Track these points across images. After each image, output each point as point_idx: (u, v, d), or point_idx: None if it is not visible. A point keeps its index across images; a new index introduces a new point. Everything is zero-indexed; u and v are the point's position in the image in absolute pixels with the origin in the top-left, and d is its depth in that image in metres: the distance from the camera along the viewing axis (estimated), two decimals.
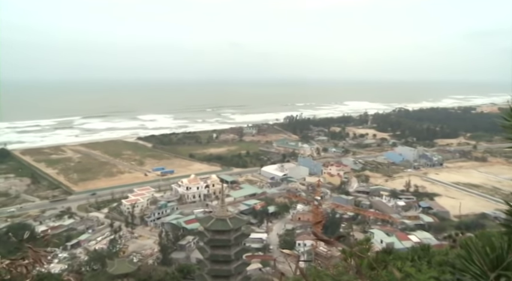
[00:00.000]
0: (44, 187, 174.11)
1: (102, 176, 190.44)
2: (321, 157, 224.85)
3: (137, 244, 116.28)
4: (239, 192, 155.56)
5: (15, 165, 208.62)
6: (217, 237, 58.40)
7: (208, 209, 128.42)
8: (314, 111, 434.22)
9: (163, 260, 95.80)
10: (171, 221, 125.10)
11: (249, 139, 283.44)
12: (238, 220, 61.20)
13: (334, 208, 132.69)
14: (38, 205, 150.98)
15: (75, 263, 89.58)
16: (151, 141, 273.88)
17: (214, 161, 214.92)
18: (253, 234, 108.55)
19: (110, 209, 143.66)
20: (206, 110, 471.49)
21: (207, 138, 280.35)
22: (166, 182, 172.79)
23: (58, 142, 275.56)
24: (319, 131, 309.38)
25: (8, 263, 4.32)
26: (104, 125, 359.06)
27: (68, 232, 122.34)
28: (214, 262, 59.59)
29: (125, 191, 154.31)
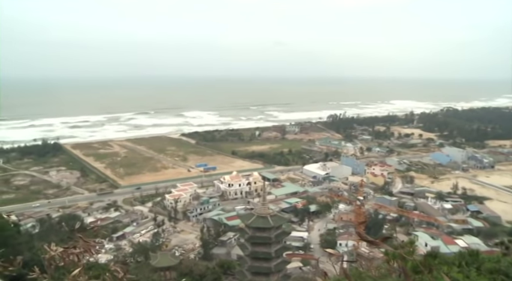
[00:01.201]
0: (92, 180, 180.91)
1: (147, 171, 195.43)
2: (364, 157, 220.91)
3: (179, 238, 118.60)
4: (281, 190, 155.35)
5: (66, 158, 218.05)
6: (258, 234, 58.63)
7: (249, 206, 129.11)
8: (359, 110, 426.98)
9: (204, 255, 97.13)
10: (212, 217, 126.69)
11: (292, 137, 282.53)
12: (279, 218, 61.19)
13: (377, 208, 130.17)
14: (87, 197, 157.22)
15: (120, 255, 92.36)
16: (195, 137, 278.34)
17: (256, 158, 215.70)
18: (294, 232, 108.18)
19: (153, 203, 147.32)
20: (250, 108, 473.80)
21: (250, 135, 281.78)
22: (208, 178, 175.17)
23: (106, 137, 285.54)
24: (363, 130, 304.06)
25: (62, 251, 4.54)
26: (150, 121, 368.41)
27: (114, 224, 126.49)
28: (255, 259, 59.90)
29: (169, 186, 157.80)
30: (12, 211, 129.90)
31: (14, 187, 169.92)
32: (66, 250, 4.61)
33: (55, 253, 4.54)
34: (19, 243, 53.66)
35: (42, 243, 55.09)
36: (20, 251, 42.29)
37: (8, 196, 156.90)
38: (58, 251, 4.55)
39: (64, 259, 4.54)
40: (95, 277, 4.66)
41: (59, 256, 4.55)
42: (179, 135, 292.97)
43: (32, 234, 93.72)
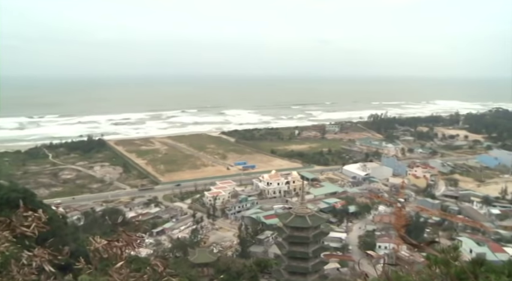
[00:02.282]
0: (134, 175, 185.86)
1: (187, 168, 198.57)
2: (405, 158, 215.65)
3: (217, 235, 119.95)
4: (319, 190, 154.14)
5: (110, 154, 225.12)
6: (296, 234, 58.50)
7: (287, 206, 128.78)
8: (401, 110, 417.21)
9: (241, 253, 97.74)
10: (250, 215, 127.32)
11: (331, 137, 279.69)
12: (317, 218, 60.81)
13: (418, 211, 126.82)
14: (128, 193, 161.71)
15: (160, 249, 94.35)
16: (235, 136, 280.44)
17: (295, 157, 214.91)
18: (332, 233, 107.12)
19: (193, 200, 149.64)
20: (291, 107, 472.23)
21: (289, 134, 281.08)
22: (247, 176, 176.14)
23: (148, 134, 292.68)
24: (405, 130, 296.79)
25: (106, 243, 4.70)
26: (191, 119, 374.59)
27: (154, 220, 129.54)
28: (292, 259, 59.82)
29: (208, 184, 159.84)
30: (61, 203, 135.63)
31: (62, 180, 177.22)
32: (110, 242, 4.77)
33: (99, 245, 4.70)
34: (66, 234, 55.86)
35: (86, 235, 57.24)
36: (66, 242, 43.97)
37: (56, 189, 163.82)
38: (102, 244, 4.71)
39: (108, 252, 4.69)
40: (135, 270, 4.78)
41: (103, 249, 4.71)
42: (219, 134, 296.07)
43: (77, 226, 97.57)
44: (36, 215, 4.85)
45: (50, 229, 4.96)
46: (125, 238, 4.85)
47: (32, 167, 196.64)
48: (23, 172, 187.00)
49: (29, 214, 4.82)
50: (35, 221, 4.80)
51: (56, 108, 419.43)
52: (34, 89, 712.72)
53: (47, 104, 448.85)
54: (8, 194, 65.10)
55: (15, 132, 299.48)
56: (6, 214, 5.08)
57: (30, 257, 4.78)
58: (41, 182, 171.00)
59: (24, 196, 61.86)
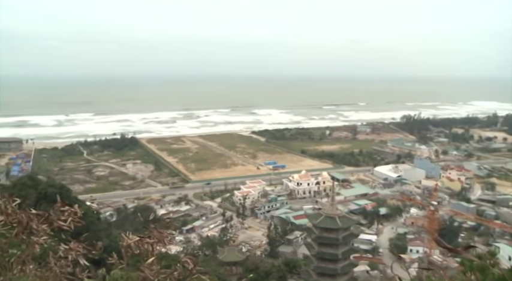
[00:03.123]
0: (165, 173, 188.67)
1: (217, 167, 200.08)
2: (439, 160, 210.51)
3: (247, 234, 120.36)
4: (350, 191, 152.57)
5: (142, 152, 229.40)
6: (326, 235, 58.09)
7: (317, 206, 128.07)
8: (436, 111, 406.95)
9: (270, 252, 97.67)
10: (280, 215, 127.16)
11: (363, 138, 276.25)
12: (347, 219, 60.22)
13: (452, 215, 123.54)
14: (159, 190, 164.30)
15: (189, 247, 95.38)
16: (265, 135, 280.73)
17: (325, 158, 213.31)
18: (363, 235, 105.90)
19: (222, 199, 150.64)
20: (323, 107, 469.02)
21: (320, 135, 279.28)
22: (277, 176, 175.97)
23: (179, 133, 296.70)
24: (439, 132, 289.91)
25: (137, 240, 4.79)
26: (222, 119, 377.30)
27: (184, 218, 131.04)
28: (321, 260, 59.42)
29: (238, 183, 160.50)
30: (95, 199, 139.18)
31: (95, 177, 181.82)
32: (142, 239, 4.85)
33: (131, 242, 4.79)
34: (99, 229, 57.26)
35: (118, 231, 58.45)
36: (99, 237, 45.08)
37: (90, 185, 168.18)
38: (134, 240, 4.80)
39: (139, 248, 4.78)
40: (166, 267, 4.84)
41: (135, 245, 4.80)
42: (249, 133, 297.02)
43: (109, 222, 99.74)
44: (72, 210, 4.99)
45: (84, 224, 5.09)
46: (156, 235, 4.93)
47: (68, 163, 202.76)
48: (59, 168, 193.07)
49: (65, 208, 4.96)
50: (71, 215, 4.94)
51: (92, 106, 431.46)
52: (72, 88, 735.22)
53: (84, 103, 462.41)
54: (46, 189, 67.25)
55: (53, 130, 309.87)
56: (44, 208, 5.25)
57: (67, 251, 4.94)
58: (76, 178, 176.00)
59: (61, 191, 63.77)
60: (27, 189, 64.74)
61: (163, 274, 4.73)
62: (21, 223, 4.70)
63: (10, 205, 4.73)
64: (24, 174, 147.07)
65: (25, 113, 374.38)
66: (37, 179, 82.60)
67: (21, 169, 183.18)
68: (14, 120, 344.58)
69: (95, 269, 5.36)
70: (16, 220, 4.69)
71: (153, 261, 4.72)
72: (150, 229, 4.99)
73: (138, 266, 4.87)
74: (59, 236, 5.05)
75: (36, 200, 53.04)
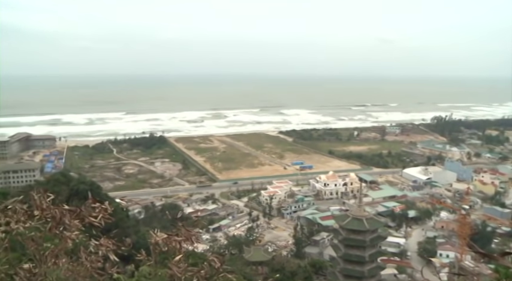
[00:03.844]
0: (192, 172, 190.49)
1: (244, 166, 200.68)
2: (472, 162, 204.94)
3: (273, 234, 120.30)
4: (378, 193, 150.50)
5: (170, 151, 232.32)
6: (352, 236, 57.46)
7: (344, 208, 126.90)
8: (469, 113, 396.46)
9: (296, 253, 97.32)
10: (306, 215, 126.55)
11: (392, 139, 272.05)
12: (375, 221, 59.41)
13: (485, 220, 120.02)
14: (187, 189, 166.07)
15: (216, 246, 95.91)
16: (292, 135, 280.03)
17: (353, 159, 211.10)
18: (390, 238, 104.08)
19: (249, 198, 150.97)
20: (351, 107, 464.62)
21: (348, 135, 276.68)
22: (304, 176, 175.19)
23: (207, 132, 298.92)
24: (472, 134, 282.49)
25: (165, 237, 4.87)
26: (250, 118, 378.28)
27: (211, 216, 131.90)
28: (348, 262, 58.81)
29: (264, 183, 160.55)
30: (125, 196, 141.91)
31: (125, 174, 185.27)
32: (170, 237, 4.93)
33: (160, 239, 4.87)
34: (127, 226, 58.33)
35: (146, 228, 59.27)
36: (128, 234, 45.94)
37: (119, 183, 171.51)
38: (162, 238, 4.88)
39: (167, 245, 4.86)
40: (192, 265, 4.90)
41: (163, 242, 4.88)
42: (277, 133, 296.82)
43: (137, 219, 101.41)
44: (102, 206, 5.12)
45: (114, 221, 5.20)
46: (184, 233, 5.00)
47: (98, 161, 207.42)
48: (90, 165, 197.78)
49: (96, 205, 5.09)
50: (102, 212, 5.07)
51: (123, 106, 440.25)
52: (103, 87, 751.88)
53: (115, 102, 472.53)
54: (77, 185, 69.01)
55: (85, 128, 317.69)
56: (75, 204, 5.40)
57: (97, 246, 5.07)
58: (106, 176, 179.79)
59: (91, 188, 65.29)
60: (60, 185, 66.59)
61: (190, 272, 4.79)
62: (54, 218, 4.85)
63: (45, 201, 4.88)
64: (57, 171, 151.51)
65: (59, 112, 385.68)
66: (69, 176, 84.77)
67: (54, 165, 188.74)
68: (48, 119, 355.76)
69: (124, 265, 5.47)
70: (50, 215, 4.84)
71: (181, 259, 4.79)
72: (178, 227, 5.07)
73: (165, 264, 4.94)
74: (90, 232, 5.19)
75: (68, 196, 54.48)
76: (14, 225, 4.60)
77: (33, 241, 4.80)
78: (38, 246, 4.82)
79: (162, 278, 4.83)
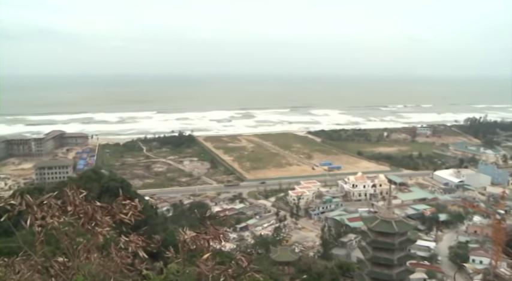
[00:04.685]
0: (220, 171, 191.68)
1: (272, 166, 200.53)
2: (508, 166, 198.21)
3: (300, 234, 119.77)
4: (408, 195, 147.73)
5: (198, 150, 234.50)
6: (381, 239, 56.57)
7: (373, 209, 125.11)
8: (506, 114, 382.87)
9: (323, 254, 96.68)
10: (334, 216, 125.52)
11: (423, 140, 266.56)
12: (404, 224, 58.32)
13: None
14: (215, 188, 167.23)
15: (242, 245, 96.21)
16: (321, 136, 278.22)
17: (383, 160, 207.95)
18: (420, 241, 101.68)
19: (276, 198, 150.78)
20: (381, 108, 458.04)
21: (377, 136, 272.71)
22: (332, 177, 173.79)
23: (236, 132, 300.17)
24: (508, 136, 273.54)
25: (194, 236, 4.92)
26: (279, 118, 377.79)
27: (238, 216, 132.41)
28: (376, 264, 57.94)
29: (292, 183, 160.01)
30: (155, 194, 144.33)
31: (154, 173, 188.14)
32: (198, 235, 4.98)
33: (188, 237, 4.93)
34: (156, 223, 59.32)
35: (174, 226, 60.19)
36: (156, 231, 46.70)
37: (149, 181, 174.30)
38: (191, 236, 4.94)
39: (195, 243, 4.91)
40: (219, 264, 4.93)
41: (191, 240, 4.93)
42: (305, 133, 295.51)
43: (166, 217, 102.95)
44: (133, 204, 5.22)
45: (143, 218, 5.30)
46: (212, 232, 5.04)
47: (129, 159, 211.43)
48: (120, 163, 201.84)
49: (126, 202, 5.19)
50: (132, 209, 5.16)
51: (154, 105, 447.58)
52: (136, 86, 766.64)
53: (146, 101, 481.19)
54: (108, 182, 70.67)
55: (116, 127, 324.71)
56: (106, 201, 5.53)
57: (127, 242, 5.17)
58: (136, 174, 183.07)
59: (121, 185, 66.72)
60: (91, 182, 68.36)
61: (217, 270, 4.83)
62: (87, 214, 4.98)
63: (78, 197, 5.02)
64: (89, 168, 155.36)
65: (91, 110, 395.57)
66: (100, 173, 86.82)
67: (86, 162, 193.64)
68: (82, 117, 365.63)
69: (152, 262, 5.56)
70: (83, 210, 4.97)
71: (209, 257, 4.83)
72: (206, 226, 5.11)
73: (193, 261, 5.00)
74: (120, 228, 5.29)
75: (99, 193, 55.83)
76: (49, 220, 4.75)
77: (67, 235, 4.95)
78: (71, 241, 4.96)
79: (190, 276, 4.88)
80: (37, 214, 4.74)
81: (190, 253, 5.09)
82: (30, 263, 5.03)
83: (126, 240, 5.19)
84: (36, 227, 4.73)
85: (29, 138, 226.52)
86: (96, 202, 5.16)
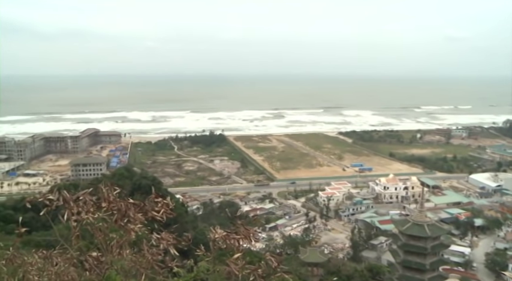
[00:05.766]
0: (250, 171, 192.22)
1: (302, 166, 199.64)
2: None
3: (329, 236, 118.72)
4: (441, 198, 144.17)
5: (229, 149, 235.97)
6: (413, 242, 55.56)
7: (404, 212, 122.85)
8: None
9: (353, 256, 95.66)
10: (365, 218, 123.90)
11: (458, 142, 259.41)
12: (437, 228, 57.03)
13: None
14: (244, 187, 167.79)
15: (271, 245, 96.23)
16: (352, 136, 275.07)
17: (415, 162, 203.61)
18: (454, 246, 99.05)
19: (306, 199, 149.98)
20: (415, 109, 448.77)
21: (410, 138, 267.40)
22: (363, 179, 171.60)
23: (267, 132, 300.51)
24: None
25: (225, 235, 4.96)
26: (310, 118, 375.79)
27: (267, 215, 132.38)
28: (407, 268, 56.91)
29: (322, 184, 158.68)
30: (186, 193, 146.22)
31: (184, 171, 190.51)
32: (229, 234, 5.00)
33: (219, 236, 4.96)
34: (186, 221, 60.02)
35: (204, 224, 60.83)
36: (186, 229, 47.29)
37: (179, 179, 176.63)
38: (222, 235, 4.97)
39: (226, 242, 4.94)
40: (248, 263, 4.94)
41: (222, 239, 4.97)
42: (336, 134, 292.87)
43: (196, 215, 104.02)
44: (165, 202, 5.30)
45: (174, 216, 5.37)
46: (242, 231, 5.05)
47: (160, 157, 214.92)
48: (152, 161, 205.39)
49: (159, 200, 5.27)
50: (164, 207, 5.24)
51: (186, 104, 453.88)
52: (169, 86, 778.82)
53: (178, 100, 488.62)
54: (139, 180, 72.03)
55: (149, 125, 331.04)
56: (138, 198, 5.62)
57: (158, 240, 5.26)
58: (167, 172, 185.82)
59: (153, 183, 67.89)
60: (124, 179, 69.88)
61: (247, 270, 4.84)
62: (120, 211, 5.09)
63: (112, 194, 5.14)
64: (121, 165, 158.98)
65: (125, 109, 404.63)
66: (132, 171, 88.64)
67: (119, 160, 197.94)
68: (115, 116, 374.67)
69: (182, 260, 5.63)
70: (116, 207, 5.09)
71: (239, 256, 4.85)
72: (237, 225, 5.13)
73: (222, 260, 5.03)
74: (152, 226, 5.39)
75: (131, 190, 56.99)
76: (84, 215, 4.89)
77: (101, 231, 5.07)
78: (105, 236, 5.08)
79: (220, 274, 4.92)
80: (73, 209, 4.89)
81: (220, 252, 5.13)
82: (67, 257, 5.20)
83: (158, 237, 5.28)
84: (72, 222, 4.88)
85: (65, 136, 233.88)
86: (129, 199, 5.27)
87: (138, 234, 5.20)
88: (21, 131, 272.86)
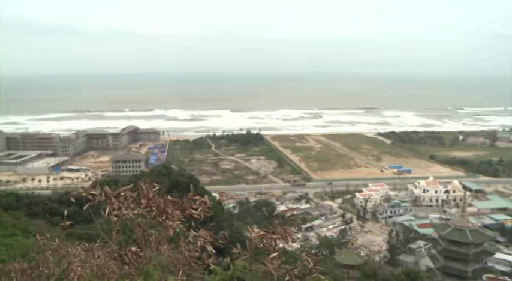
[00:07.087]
0: (287, 171, 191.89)
1: (339, 167, 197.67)
2: None
3: (366, 238, 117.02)
4: (485, 203, 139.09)
5: (266, 148, 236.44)
6: (453, 248, 53.96)
7: (445, 216, 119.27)
8: None
9: (390, 259, 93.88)
10: (403, 221, 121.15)
11: (504, 145, 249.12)
12: (480, 234, 55.13)
13: None
14: (281, 187, 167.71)
15: (307, 245, 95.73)
16: (391, 138, 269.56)
17: (457, 165, 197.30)
18: (499, 254, 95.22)
19: (343, 200, 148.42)
20: (458, 110, 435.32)
21: (452, 139, 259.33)
22: (402, 181, 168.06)
23: (303, 131, 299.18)
24: None
25: (261, 234, 4.96)
26: (348, 119, 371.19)
27: (303, 216, 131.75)
28: (447, 275, 55.36)
29: (359, 185, 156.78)
30: (223, 191, 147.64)
31: (221, 169, 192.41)
32: (266, 234, 5.00)
33: (256, 235, 4.97)
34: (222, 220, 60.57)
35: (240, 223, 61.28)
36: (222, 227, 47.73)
37: (216, 177, 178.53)
38: (259, 234, 4.97)
39: (263, 242, 4.94)
40: (284, 263, 4.92)
41: (259, 238, 4.97)
42: (374, 134, 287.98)
43: (232, 214, 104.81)
44: (203, 200, 5.36)
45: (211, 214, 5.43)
46: (280, 231, 5.04)
47: (197, 155, 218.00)
48: (189, 159, 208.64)
49: (197, 198, 5.34)
50: (202, 205, 5.31)
51: (225, 103, 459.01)
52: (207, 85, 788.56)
53: (216, 99, 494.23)
54: (177, 178, 73.26)
55: (187, 124, 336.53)
56: (175, 195, 5.72)
57: (196, 237, 5.32)
58: (204, 170, 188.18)
59: (190, 181, 68.92)
60: (162, 176, 71.23)
61: (283, 270, 4.82)
62: (159, 207, 5.19)
63: (151, 190, 5.25)
64: (160, 163, 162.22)
65: (164, 108, 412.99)
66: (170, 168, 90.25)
67: (157, 158, 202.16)
68: (155, 114, 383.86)
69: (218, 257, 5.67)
70: (155, 204, 5.19)
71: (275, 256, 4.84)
72: (274, 225, 5.13)
73: (258, 259, 5.03)
74: (189, 223, 5.46)
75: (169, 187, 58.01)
76: (125, 211, 5.01)
77: (140, 226, 5.19)
78: (144, 232, 5.20)
79: (256, 273, 4.92)
80: (114, 205, 5.03)
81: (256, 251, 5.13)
82: (107, 250, 5.38)
83: (195, 234, 5.35)
84: (112, 216, 5.02)
85: (106, 133, 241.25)
86: (167, 196, 5.37)
87: (176, 231, 5.28)
88: (66, 128, 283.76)
